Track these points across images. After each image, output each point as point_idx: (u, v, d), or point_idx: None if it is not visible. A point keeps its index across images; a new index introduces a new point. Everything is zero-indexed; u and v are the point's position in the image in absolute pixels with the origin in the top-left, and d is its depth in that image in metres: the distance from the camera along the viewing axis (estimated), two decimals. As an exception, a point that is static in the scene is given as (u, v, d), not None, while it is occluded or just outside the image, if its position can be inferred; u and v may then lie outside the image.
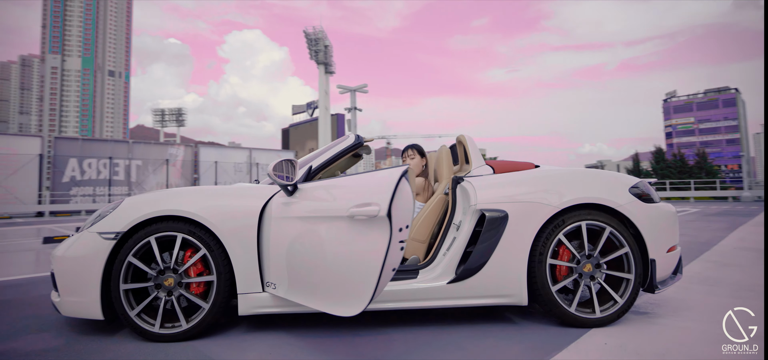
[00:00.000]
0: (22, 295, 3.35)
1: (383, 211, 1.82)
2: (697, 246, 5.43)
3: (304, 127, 70.29)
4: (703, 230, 7.36)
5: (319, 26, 55.24)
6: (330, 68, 56.39)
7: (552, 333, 2.28)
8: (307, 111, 72.12)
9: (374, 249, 1.84)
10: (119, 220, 2.30)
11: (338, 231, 1.98)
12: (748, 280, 3.47)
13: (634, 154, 50.12)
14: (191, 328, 2.26)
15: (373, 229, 1.87)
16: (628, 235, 2.41)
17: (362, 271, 1.86)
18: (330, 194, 2.12)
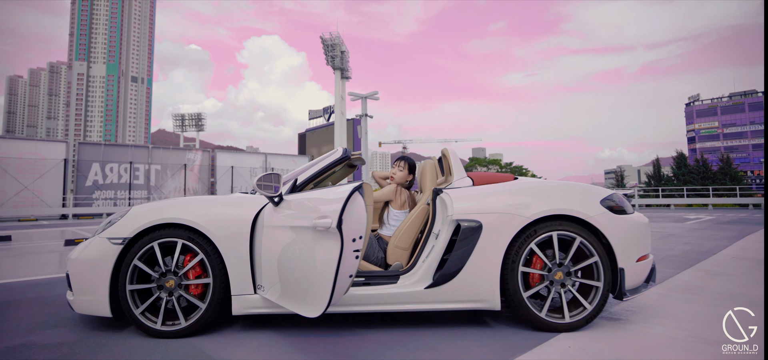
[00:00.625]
0: (42, 294, 3.63)
1: (334, 223, 2.02)
2: (695, 255, 5.46)
3: (320, 131, 70.97)
4: (709, 239, 7.33)
5: (335, 32, 55.82)
6: (346, 73, 56.87)
7: (522, 336, 2.43)
8: (323, 116, 72.80)
9: (330, 257, 2.03)
10: (126, 227, 2.54)
11: (305, 240, 2.19)
12: (731, 289, 3.53)
13: (655, 159, 49.15)
14: (189, 326, 2.48)
15: (329, 239, 2.07)
16: (597, 245, 2.54)
17: (322, 277, 2.06)
18: (302, 206, 2.32)
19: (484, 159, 65.72)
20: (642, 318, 2.75)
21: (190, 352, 2.26)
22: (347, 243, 2.02)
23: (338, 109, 54.72)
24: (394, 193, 3.11)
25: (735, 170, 42.80)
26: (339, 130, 53.21)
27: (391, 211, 3.12)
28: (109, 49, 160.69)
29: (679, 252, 5.76)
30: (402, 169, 3.26)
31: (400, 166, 3.28)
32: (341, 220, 2.01)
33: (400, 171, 3.26)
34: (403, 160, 3.31)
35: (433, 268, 2.58)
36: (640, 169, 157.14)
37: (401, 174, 3.24)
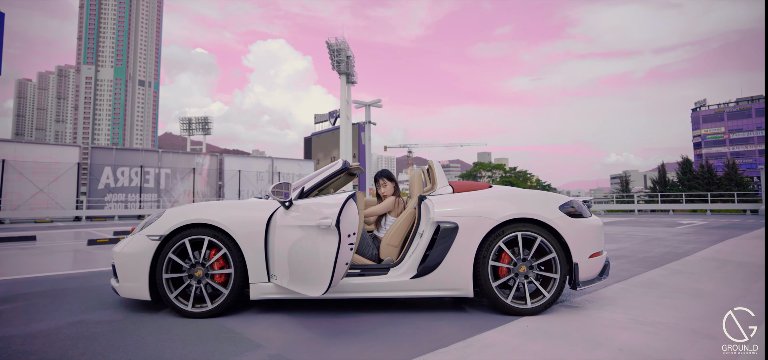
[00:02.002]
0: (82, 285, 4.16)
1: (333, 222, 2.54)
2: (670, 256, 5.91)
3: (326, 135, 71.68)
4: (690, 242, 7.76)
5: (341, 37, 56.49)
6: (352, 78, 57.43)
7: (490, 318, 2.92)
8: (329, 120, 73.49)
9: (331, 249, 2.55)
10: (162, 226, 3.06)
11: (311, 236, 2.70)
12: (686, 284, 4.00)
13: (661, 165, 49.25)
14: (215, 308, 2.99)
15: (330, 235, 2.58)
16: (555, 243, 3.03)
17: (324, 265, 2.57)
18: (308, 210, 2.84)
19: (489, 163, 65.94)
20: (596, 306, 3.23)
21: (216, 328, 2.77)
22: (344, 238, 2.53)
23: (344, 113, 55.30)
24: (393, 205, 3.64)
25: (741, 176, 42.80)
26: (344, 135, 53.78)
27: (388, 218, 3.63)
28: (117, 52, 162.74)
29: (657, 254, 6.22)
30: (387, 185, 3.76)
31: (385, 183, 3.76)
32: (339, 220, 2.53)
33: (386, 186, 3.75)
34: (384, 177, 3.80)
35: (417, 262, 3.08)
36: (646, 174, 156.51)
37: (390, 187, 3.75)
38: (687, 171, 44.31)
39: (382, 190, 3.75)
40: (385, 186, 3.74)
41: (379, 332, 2.68)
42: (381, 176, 3.78)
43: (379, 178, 3.78)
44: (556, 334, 2.58)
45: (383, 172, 3.80)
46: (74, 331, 2.69)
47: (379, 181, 3.78)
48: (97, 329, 2.74)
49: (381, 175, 3.78)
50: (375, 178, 3.83)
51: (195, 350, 2.36)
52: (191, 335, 2.61)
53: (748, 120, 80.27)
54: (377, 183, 3.78)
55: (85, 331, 2.69)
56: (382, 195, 3.75)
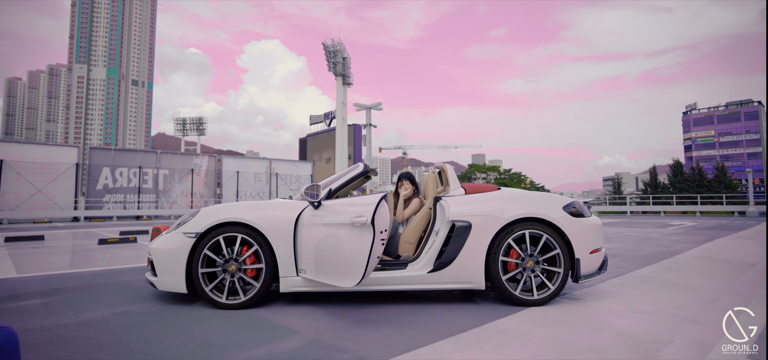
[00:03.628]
0: (109, 280, 4.39)
1: (368, 220, 2.81)
2: (662, 255, 6.24)
3: (321, 137, 71.76)
4: (680, 242, 8.12)
5: (337, 38, 56.62)
6: (348, 80, 57.58)
7: (500, 309, 3.20)
8: (324, 121, 73.55)
9: (365, 244, 2.82)
10: (198, 224, 3.32)
11: (345, 232, 2.96)
12: (676, 279, 4.31)
13: (652, 167, 49.90)
14: (247, 300, 3.25)
15: (364, 231, 2.85)
16: (559, 240, 3.33)
17: (358, 258, 2.84)
18: (342, 209, 3.10)
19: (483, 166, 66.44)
20: (595, 298, 3.53)
21: (251, 317, 3.03)
22: (377, 234, 2.80)
23: (340, 114, 55.47)
24: (420, 206, 3.86)
25: (729, 178, 43.61)
26: (340, 136, 53.97)
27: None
28: (110, 52, 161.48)
29: (650, 253, 6.55)
30: (408, 187, 3.95)
31: (406, 186, 3.94)
32: (374, 218, 2.80)
33: (408, 188, 3.94)
34: (406, 179, 3.98)
35: (434, 258, 3.35)
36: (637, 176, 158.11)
37: (411, 188, 3.95)
38: (678, 173, 45.05)
39: (403, 191, 3.95)
40: (406, 188, 3.94)
41: (402, 320, 2.95)
42: (404, 178, 3.98)
43: (402, 179, 3.98)
44: (561, 321, 2.87)
45: (406, 174, 4.03)
46: (122, 320, 2.94)
47: (403, 182, 3.96)
48: (142, 318, 2.99)
49: (404, 176, 3.99)
50: (399, 177, 4.03)
51: (238, 336, 2.62)
52: (230, 323, 2.87)
53: (737, 123, 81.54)
54: (399, 183, 3.98)
55: (131, 320, 2.94)
56: (403, 196, 3.95)
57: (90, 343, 2.49)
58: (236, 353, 2.33)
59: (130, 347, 2.42)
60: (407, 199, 3.92)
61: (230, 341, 2.52)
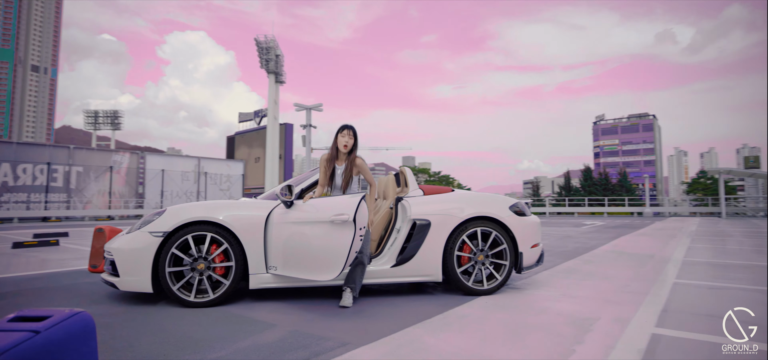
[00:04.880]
0: (50, 284, 4.15)
1: (351, 218, 3.03)
2: (581, 250, 7.08)
3: (250, 135, 69.35)
4: (594, 239, 9.19)
5: (271, 35, 55.14)
6: (280, 78, 56.20)
7: (456, 298, 3.56)
8: (254, 119, 71.19)
9: (346, 240, 3.03)
10: (165, 223, 3.31)
11: (325, 230, 3.15)
12: (598, 270, 5.00)
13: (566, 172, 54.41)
14: (216, 298, 3.30)
15: (344, 228, 3.06)
16: (505, 237, 3.77)
17: (337, 253, 3.04)
18: (317, 208, 3.28)
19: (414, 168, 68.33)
20: (534, 287, 4.02)
21: (224, 314, 3.10)
22: (357, 231, 3.02)
23: (271, 113, 54.00)
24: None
25: (630, 183, 48.93)
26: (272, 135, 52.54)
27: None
28: (3, 31, 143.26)
29: (571, 248, 7.39)
30: (350, 140, 3.52)
31: (348, 137, 3.52)
32: (355, 216, 3.01)
33: (350, 140, 3.52)
34: (349, 130, 3.52)
35: (396, 253, 3.64)
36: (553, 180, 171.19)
37: (352, 143, 3.53)
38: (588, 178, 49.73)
39: (343, 139, 3.51)
40: (349, 137, 3.53)
41: (371, 311, 3.20)
42: (347, 129, 3.54)
43: (346, 129, 3.54)
44: (510, 307, 3.29)
45: (350, 125, 3.57)
46: (88, 321, 2.88)
47: (346, 131, 3.53)
48: (109, 320, 2.94)
49: (348, 127, 3.55)
50: (341, 128, 3.56)
51: (217, 331, 2.71)
52: (205, 320, 2.94)
53: (636, 134, 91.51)
54: (340, 133, 3.53)
55: (99, 322, 2.88)
56: (343, 147, 3.50)
57: (63, 344, 2.45)
58: (223, 346, 2.43)
59: (110, 346, 2.42)
60: (348, 152, 3.54)
61: (211, 336, 2.61)
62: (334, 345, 2.44)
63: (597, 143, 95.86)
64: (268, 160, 51.35)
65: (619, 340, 2.50)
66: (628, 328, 2.73)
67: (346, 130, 3.52)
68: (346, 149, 3.52)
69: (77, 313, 1.15)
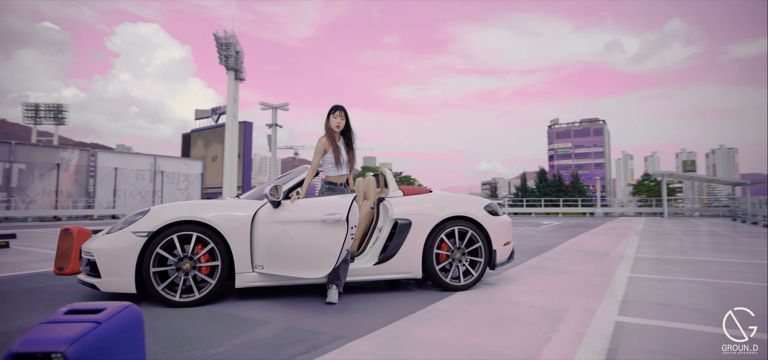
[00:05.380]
0: (12, 287, 3.99)
1: (344, 217, 3.14)
2: (542, 248, 7.50)
3: (207, 133, 67.31)
4: (553, 238, 9.72)
5: (231, 30, 53.73)
6: (240, 75, 54.77)
7: (435, 294, 3.75)
8: (212, 116, 69.18)
9: (338, 238, 3.14)
10: (150, 223, 3.29)
11: (316, 229, 3.24)
12: (560, 266, 5.36)
13: (523, 174, 56.41)
14: (202, 297, 3.32)
15: (337, 227, 3.17)
16: (481, 235, 4.00)
17: (329, 251, 3.14)
18: (307, 208, 3.36)
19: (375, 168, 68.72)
20: (505, 283, 4.28)
21: (213, 312, 3.13)
22: (349, 229, 3.13)
23: (231, 111, 52.56)
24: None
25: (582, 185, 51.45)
26: (231, 133, 51.12)
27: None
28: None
29: (533, 247, 7.80)
30: (343, 121, 3.64)
31: (340, 117, 3.63)
32: (348, 216, 3.12)
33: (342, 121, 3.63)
34: (341, 110, 3.64)
35: (378, 251, 3.78)
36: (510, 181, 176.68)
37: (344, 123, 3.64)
38: (543, 179, 51.89)
39: (335, 120, 3.63)
40: (341, 118, 3.64)
41: (357, 307, 3.32)
42: (340, 109, 3.65)
43: (339, 110, 3.65)
44: (487, 301, 3.52)
45: (342, 106, 3.67)
46: (72, 323, 2.84)
47: (338, 112, 3.64)
48: (93, 320, 2.91)
49: (340, 107, 3.66)
50: (334, 108, 3.65)
51: (209, 329, 2.75)
52: (194, 319, 2.96)
53: (587, 138, 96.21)
54: (333, 113, 3.63)
55: (83, 322, 2.85)
56: (335, 127, 3.62)
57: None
58: (220, 343, 2.49)
59: (103, 345, 2.42)
60: (342, 131, 3.68)
61: (205, 334, 2.65)
62: (329, 339, 2.56)
63: (551, 146, 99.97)
64: (226, 158, 50.02)
65: (588, 327, 2.76)
66: (595, 317, 3.00)
67: (337, 111, 3.63)
68: (338, 129, 3.64)
69: (128, 306, 1.21)
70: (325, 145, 3.59)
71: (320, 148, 3.59)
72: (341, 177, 3.68)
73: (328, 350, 2.36)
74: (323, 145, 3.59)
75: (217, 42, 53.63)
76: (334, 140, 3.60)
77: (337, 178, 3.67)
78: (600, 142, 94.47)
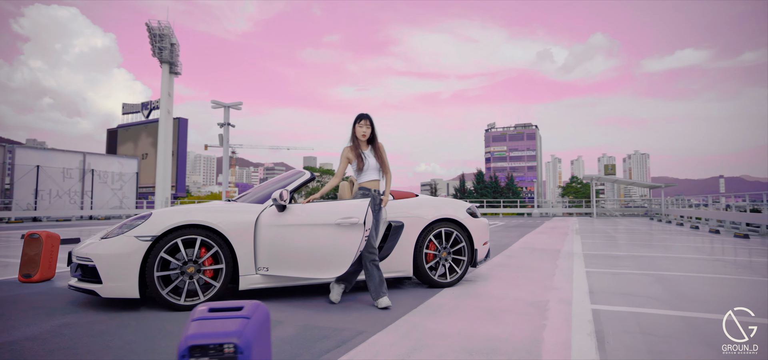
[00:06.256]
0: (29, 291, 3.75)
1: (360, 220, 3.34)
2: (500, 247, 8.09)
3: (137, 129, 63.31)
4: (505, 238, 10.44)
5: (165, 21, 50.88)
6: (175, 68, 51.99)
7: (424, 291, 4.05)
8: (142, 111, 65.22)
9: (353, 241, 3.32)
10: (153, 227, 3.28)
11: (331, 232, 3.39)
12: (523, 263, 5.88)
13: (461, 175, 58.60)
14: (206, 300, 3.36)
15: (353, 230, 3.35)
16: (464, 235, 4.35)
17: (344, 253, 3.32)
18: (317, 211, 3.50)
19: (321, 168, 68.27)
20: (483, 280, 4.68)
21: (221, 315, 3.20)
22: (364, 232, 3.32)
23: (164, 106, 49.72)
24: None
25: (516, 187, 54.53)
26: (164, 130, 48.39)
27: None
28: None
29: (491, 246, 8.37)
30: (368, 129, 3.73)
31: (366, 126, 3.71)
32: (365, 220, 3.30)
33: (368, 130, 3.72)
34: (367, 119, 3.73)
35: (374, 252, 4.01)
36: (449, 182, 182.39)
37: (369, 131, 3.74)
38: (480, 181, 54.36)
39: (361, 130, 3.70)
40: (366, 127, 3.73)
41: (358, 305, 3.53)
42: (365, 118, 3.74)
43: (365, 119, 3.74)
44: (475, 296, 3.87)
45: (367, 115, 3.77)
46: (83, 331, 2.79)
47: (363, 121, 3.72)
48: (102, 327, 2.88)
49: (365, 116, 3.75)
50: (359, 117, 3.74)
51: (228, 330, 2.84)
52: (207, 321, 3.02)
53: (521, 142, 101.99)
54: (358, 123, 3.73)
55: (92, 329, 2.82)
56: (361, 136, 3.71)
57: (80, 352, 2.41)
58: (248, 341, 2.60)
59: (132, 350, 2.45)
60: (368, 140, 3.75)
61: (227, 334, 2.74)
62: (352, 334, 2.75)
63: (488, 149, 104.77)
64: (159, 156, 47.37)
65: (571, 314, 3.18)
66: (573, 306, 3.45)
67: (363, 120, 3.71)
68: (364, 138, 3.71)
69: (260, 304, 1.36)
70: (349, 154, 3.72)
71: (344, 157, 3.73)
72: (373, 183, 3.69)
73: (357, 344, 2.56)
74: (346, 154, 3.72)
75: (149, 33, 50.60)
76: (358, 148, 3.73)
77: (370, 184, 3.70)
78: (533, 146, 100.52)
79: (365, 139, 3.74)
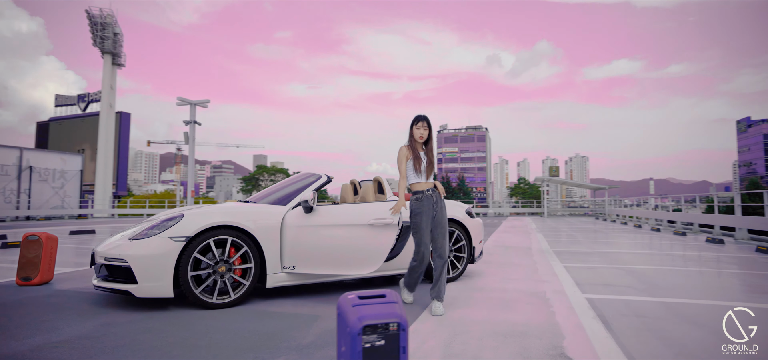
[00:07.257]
0: (39, 294, 3.65)
1: (394, 221, 3.61)
2: (475, 245, 8.62)
3: (73, 123, 59.15)
4: (475, 235, 11.04)
5: (108, 9, 47.95)
6: (119, 60, 49.24)
7: (427, 286, 4.39)
8: (78, 104, 61.04)
9: (387, 240, 3.59)
10: (187, 228, 3.38)
11: (361, 232, 3.63)
12: (504, 260, 6.38)
13: (414, 176, 59.47)
14: (237, 298, 3.50)
15: (385, 231, 3.62)
16: (464, 234, 4.74)
17: (377, 252, 3.59)
18: (345, 212, 3.74)
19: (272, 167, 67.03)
20: (478, 276, 5.09)
21: (253, 312, 3.35)
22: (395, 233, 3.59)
23: (106, 100, 46.94)
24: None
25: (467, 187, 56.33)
26: (106, 125, 45.61)
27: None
28: None
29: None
30: (426, 131, 3.62)
31: (424, 128, 3.62)
32: (399, 221, 3.57)
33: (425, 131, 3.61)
34: (424, 121, 3.65)
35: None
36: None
37: (427, 132, 3.64)
38: (435, 181, 55.62)
39: (418, 131, 3.63)
40: (424, 129, 3.66)
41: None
42: (423, 120, 3.67)
43: (422, 120, 3.67)
44: (480, 289, 4.26)
45: (424, 116, 3.71)
46: (126, 329, 2.87)
47: (421, 123, 3.66)
48: (145, 325, 2.96)
49: (423, 118, 3.69)
50: (417, 118, 3.67)
51: (277, 325, 3.01)
52: (254, 318, 3.18)
53: (472, 143, 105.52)
54: (416, 124, 3.65)
55: (137, 328, 2.90)
56: (418, 138, 3.62)
57: (133, 352, 2.51)
58: (302, 336, 2.79)
59: (191, 345, 2.58)
60: (424, 142, 3.67)
61: (277, 329, 2.92)
62: (392, 324, 3.03)
63: (440, 150, 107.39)
64: (100, 153, 44.64)
65: (572, 302, 3.64)
66: (568, 296, 3.92)
67: (421, 121, 3.62)
68: (421, 139, 3.62)
69: (395, 292, 1.62)
70: (407, 153, 3.63)
71: (402, 157, 3.62)
72: (427, 184, 3.62)
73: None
74: (405, 153, 3.62)
75: (90, 21, 47.63)
76: (415, 149, 3.63)
77: (422, 186, 3.59)
78: (483, 148, 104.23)
79: (422, 141, 3.66)
